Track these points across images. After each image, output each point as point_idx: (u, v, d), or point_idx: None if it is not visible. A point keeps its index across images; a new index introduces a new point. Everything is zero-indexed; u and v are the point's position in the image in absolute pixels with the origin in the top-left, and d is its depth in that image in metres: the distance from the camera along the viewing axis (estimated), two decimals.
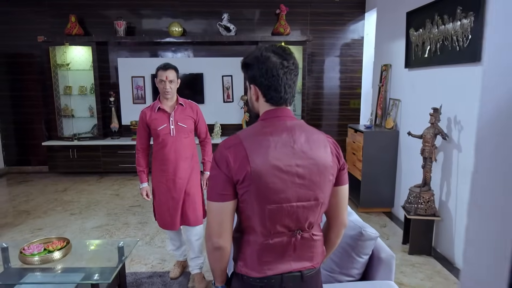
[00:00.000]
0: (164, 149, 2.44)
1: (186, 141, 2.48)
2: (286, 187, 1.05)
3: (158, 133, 2.42)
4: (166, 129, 2.43)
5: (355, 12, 5.68)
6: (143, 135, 2.49)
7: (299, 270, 1.12)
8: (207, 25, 5.62)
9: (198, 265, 2.67)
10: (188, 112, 2.50)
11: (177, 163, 2.45)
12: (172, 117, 2.44)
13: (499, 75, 0.38)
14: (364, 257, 1.71)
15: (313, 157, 1.08)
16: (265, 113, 1.13)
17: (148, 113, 2.46)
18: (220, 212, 1.06)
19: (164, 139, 2.43)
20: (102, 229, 3.67)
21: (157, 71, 2.44)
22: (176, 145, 2.44)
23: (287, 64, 1.09)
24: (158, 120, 2.43)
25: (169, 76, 2.40)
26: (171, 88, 2.41)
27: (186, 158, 2.48)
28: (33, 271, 2.19)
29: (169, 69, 2.42)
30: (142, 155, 2.53)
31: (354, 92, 5.95)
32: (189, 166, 2.50)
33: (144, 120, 2.45)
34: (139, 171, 2.54)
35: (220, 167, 1.05)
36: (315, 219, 1.12)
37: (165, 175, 2.46)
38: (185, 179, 2.49)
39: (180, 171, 2.46)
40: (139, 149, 2.52)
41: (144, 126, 2.47)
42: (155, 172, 2.51)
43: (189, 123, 2.49)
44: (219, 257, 1.11)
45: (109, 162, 5.47)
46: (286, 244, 1.10)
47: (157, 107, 2.45)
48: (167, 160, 2.44)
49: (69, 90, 5.50)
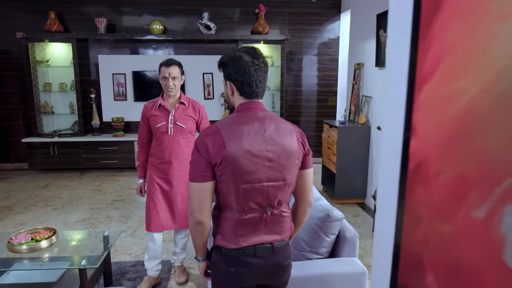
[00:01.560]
0: (160, 148, 2.39)
1: (184, 142, 2.40)
2: (257, 169, 1.22)
3: (156, 130, 2.37)
4: (163, 127, 2.36)
5: (331, 12, 5.91)
6: (144, 130, 2.44)
7: (270, 242, 1.30)
8: (188, 23, 5.72)
9: (180, 259, 2.69)
10: (189, 112, 2.41)
11: (171, 164, 2.39)
12: (171, 116, 2.36)
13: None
14: (331, 236, 1.90)
15: (281, 143, 1.25)
16: (239, 105, 1.30)
17: (149, 108, 2.41)
18: (201, 191, 1.22)
19: (160, 137, 2.37)
20: (86, 222, 3.75)
21: (160, 67, 2.35)
22: (172, 145, 2.37)
23: (257, 62, 1.26)
24: (157, 117, 2.36)
25: (172, 73, 2.31)
26: (174, 85, 2.32)
27: (182, 159, 2.40)
28: (20, 261, 2.28)
29: (172, 65, 2.32)
30: (142, 150, 2.48)
31: (331, 89, 6.19)
32: (183, 168, 2.41)
33: (145, 115, 2.41)
34: (137, 166, 2.51)
35: (200, 152, 1.21)
36: (283, 197, 1.29)
37: (159, 174, 2.43)
38: (178, 181, 2.42)
39: (174, 172, 2.40)
40: (140, 144, 2.49)
41: (145, 121, 2.41)
42: (150, 169, 2.47)
43: (189, 123, 2.40)
44: (200, 231, 1.27)
45: (91, 158, 5.51)
46: (258, 219, 1.27)
47: (158, 103, 2.38)
48: (162, 159, 2.39)
49: (48, 87, 5.49)
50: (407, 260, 0.52)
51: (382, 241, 0.58)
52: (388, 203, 0.56)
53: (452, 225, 0.42)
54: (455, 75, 0.41)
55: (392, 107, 0.54)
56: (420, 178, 0.48)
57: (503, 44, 0.35)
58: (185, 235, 2.63)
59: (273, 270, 1.31)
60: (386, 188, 0.56)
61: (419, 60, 0.48)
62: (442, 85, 0.43)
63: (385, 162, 0.56)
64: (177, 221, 2.49)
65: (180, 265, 2.72)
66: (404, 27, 0.50)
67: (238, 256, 1.27)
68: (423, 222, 0.48)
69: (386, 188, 0.56)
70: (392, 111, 0.54)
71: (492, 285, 0.36)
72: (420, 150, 0.48)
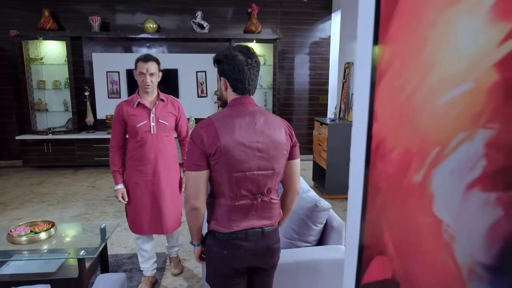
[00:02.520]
0: (143, 148, 2.27)
1: (167, 140, 2.33)
2: (249, 158, 1.32)
3: (137, 130, 2.25)
4: (146, 126, 2.25)
5: (322, 12, 6.03)
6: (119, 132, 2.30)
7: (260, 227, 1.40)
8: (181, 22, 5.80)
9: (175, 251, 2.73)
10: (169, 109, 2.34)
11: (157, 163, 2.30)
12: (153, 114, 2.27)
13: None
14: (319, 225, 2.01)
15: (270, 135, 1.36)
16: (232, 100, 1.40)
17: (125, 108, 2.27)
18: (196, 179, 1.32)
19: (143, 137, 2.26)
20: (81, 217, 3.81)
21: (136, 63, 2.26)
22: (156, 144, 2.28)
23: (250, 62, 1.36)
24: (137, 116, 2.25)
25: (150, 69, 2.23)
26: (152, 81, 2.24)
27: (167, 158, 2.33)
28: (20, 252, 2.36)
29: (150, 61, 2.24)
30: (117, 154, 2.33)
31: (322, 88, 6.31)
32: (169, 166, 2.36)
33: (121, 115, 2.27)
34: (114, 171, 2.33)
35: (195, 143, 1.31)
36: (272, 185, 1.40)
37: (143, 176, 2.30)
38: (165, 181, 2.34)
39: (160, 172, 2.31)
40: (114, 147, 2.32)
41: (121, 122, 2.28)
42: (130, 173, 2.33)
43: (170, 120, 2.33)
44: (196, 217, 1.37)
45: (85, 155, 5.56)
46: (249, 205, 1.38)
47: (136, 102, 2.27)
48: (146, 160, 2.28)
49: (42, 85, 5.52)
50: (370, 225, 0.63)
51: (352, 211, 0.69)
52: (357, 177, 0.67)
53: (401, 190, 0.53)
54: (400, 72, 0.52)
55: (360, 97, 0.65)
56: (379, 155, 0.59)
57: (432, 46, 0.46)
58: (175, 233, 2.63)
59: (263, 252, 1.41)
60: (355, 164, 0.67)
61: (378, 59, 0.59)
62: (393, 80, 0.54)
63: (354, 143, 0.67)
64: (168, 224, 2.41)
65: (176, 257, 2.76)
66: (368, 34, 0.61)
67: (231, 240, 1.37)
68: (381, 191, 0.60)
69: (355, 164, 0.67)
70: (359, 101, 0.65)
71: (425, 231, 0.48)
72: (379, 132, 0.59)
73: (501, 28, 0.35)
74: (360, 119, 0.65)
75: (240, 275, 1.44)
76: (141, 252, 2.54)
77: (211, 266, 1.45)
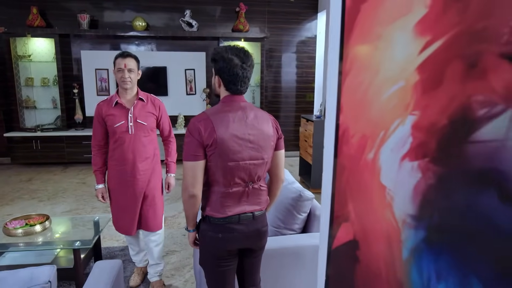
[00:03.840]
0: (122, 149, 2.25)
1: (146, 140, 2.29)
2: (241, 149, 1.45)
3: (115, 130, 2.22)
4: (123, 126, 2.22)
5: (308, 12, 6.18)
6: (99, 131, 2.28)
7: (251, 212, 1.54)
8: (170, 20, 5.87)
9: (157, 272, 2.52)
10: (149, 108, 2.29)
11: (135, 164, 2.26)
12: (131, 114, 2.22)
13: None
14: (303, 214, 2.16)
15: (260, 128, 1.49)
16: (224, 97, 1.53)
17: (104, 107, 2.25)
18: (194, 169, 1.44)
19: (121, 137, 2.23)
20: (72, 213, 3.88)
21: (115, 60, 2.22)
22: (134, 144, 2.25)
23: (245, 66, 1.49)
24: (115, 116, 2.22)
25: (128, 65, 2.19)
26: (130, 78, 2.20)
27: (145, 158, 2.29)
28: (16, 244, 2.43)
29: (128, 57, 2.20)
30: (98, 153, 2.32)
31: (309, 86, 6.47)
32: (149, 167, 2.32)
33: (100, 115, 2.25)
34: (95, 171, 2.34)
35: (193, 135, 1.43)
36: (262, 173, 1.54)
37: (122, 176, 2.28)
38: (144, 181, 2.30)
39: (139, 173, 2.28)
40: (95, 147, 2.32)
41: (100, 122, 2.26)
42: (111, 172, 2.32)
43: (150, 120, 2.29)
44: (193, 203, 1.50)
45: (74, 152, 5.59)
46: (241, 192, 1.50)
47: (114, 101, 2.23)
48: (125, 160, 2.26)
49: (31, 82, 5.53)
50: (338, 198, 0.77)
51: (325, 188, 0.83)
52: (328, 159, 0.80)
53: (359, 166, 0.67)
54: (358, 73, 0.65)
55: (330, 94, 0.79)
56: (344, 140, 0.73)
57: (380, 51, 0.59)
58: (158, 243, 2.48)
59: (253, 235, 1.55)
60: (327, 149, 0.81)
61: (343, 63, 0.72)
62: (353, 79, 0.68)
63: (326, 132, 0.80)
64: (148, 223, 2.38)
65: (159, 280, 2.52)
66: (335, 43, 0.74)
67: (225, 224, 1.50)
68: (346, 169, 0.73)
69: (327, 149, 0.81)
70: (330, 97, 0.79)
71: (375, 196, 0.61)
72: (344, 122, 0.73)
73: (420, 41, 0.48)
74: (331, 112, 0.79)
75: (232, 257, 1.57)
76: (131, 246, 2.60)
77: (205, 249, 1.57)
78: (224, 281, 1.60)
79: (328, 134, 0.80)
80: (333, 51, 0.76)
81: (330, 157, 0.80)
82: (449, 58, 0.43)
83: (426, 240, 0.48)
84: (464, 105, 0.40)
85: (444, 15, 0.43)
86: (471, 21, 0.39)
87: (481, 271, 0.39)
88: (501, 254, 0.36)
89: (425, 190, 0.48)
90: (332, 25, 0.75)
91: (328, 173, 0.81)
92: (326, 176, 0.82)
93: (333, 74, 0.77)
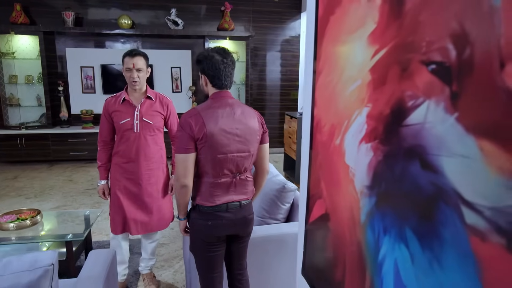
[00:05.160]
0: (126, 146, 2.22)
1: (151, 139, 2.25)
2: (229, 143, 1.57)
3: (120, 127, 2.20)
4: (128, 124, 2.19)
5: (292, 12, 6.33)
6: (106, 127, 2.25)
7: (238, 201, 1.66)
8: (156, 18, 5.91)
9: (149, 266, 2.53)
10: (157, 107, 2.25)
11: (139, 163, 2.23)
12: (137, 111, 2.20)
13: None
14: (287, 204, 2.29)
15: (246, 123, 1.62)
16: (213, 94, 1.64)
17: (111, 103, 2.22)
18: (185, 161, 1.56)
19: (125, 134, 2.21)
20: (60, 209, 3.92)
21: (123, 58, 2.18)
22: (139, 142, 2.21)
23: (226, 61, 1.61)
24: (121, 113, 2.19)
25: (137, 64, 2.15)
26: (139, 77, 2.16)
27: (150, 158, 2.25)
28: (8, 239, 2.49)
29: (137, 56, 2.16)
30: (104, 149, 2.29)
31: (293, 84, 6.63)
32: (153, 166, 2.28)
33: (107, 110, 2.23)
34: (99, 167, 2.30)
35: (185, 129, 1.54)
36: (248, 165, 1.66)
37: (124, 174, 2.26)
38: (147, 181, 2.26)
39: (142, 172, 2.24)
40: (101, 142, 2.29)
41: (107, 118, 2.24)
42: (114, 169, 2.29)
43: (157, 119, 2.24)
44: (184, 193, 1.61)
45: (59, 150, 5.59)
46: (229, 183, 1.63)
47: (122, 98, 2.21)
48: (128, 158, 2.23)
49: (14, 79, 5.49)
50: (313, 178, 0.90)
51: (303, 171, 0.96)
52: (305, 147, 0.94)
53: (329, 151, 0.80)
54: (328, 73, 0.79)
55: (307, 90, 0.92)
56: (318, 129, 0.86)
57: (344, 57, 0.72)
58: (153, 240, 2.48)
59: (241, 222, 1.67)
60: (304, 138, 0.94)
61: (316, 63, 0.86)
62: (324, 77, 0.81)
63: (304, 123, 0.94)
64: (146, 226, 2.32)
65: (149, 272, 2.56)
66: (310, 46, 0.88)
67: (214, 212, 1.62)
68: (319, 154, 0.87)
69: (305, 138, 0.94)
70: (307, 93, 0.92)
71: (341, 175, 0.75)
72: (317, 114, 0.86)
73: (372, 49, 0.61)
74: (307, 106, 0.92)
75: (220, 243, 1.69)
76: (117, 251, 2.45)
77: (195, 236, 1.69)
78: (213, 265, 1.73)
79: (305, 125, 0.93)
80: (309, 53, 0.89)
81: (306, 145, 0.93)
82: (390, 63, 0.56)
83: (376, 204, 0.62)
84: (399, 98, 0.54)
85: (387, 30, 0.56)
86: (403, 36, 0.52)
87: (411, 221, 0.52)
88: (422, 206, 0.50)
89: (375, 165, 0.62)
90: (308, 31, 0.89)
91: (305, 158, 0.94)
92: (304, 161, 0.95)
93: (309, 73, 0.90)
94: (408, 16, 0.51)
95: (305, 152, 0.94)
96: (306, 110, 0.91)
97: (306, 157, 0.93)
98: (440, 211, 0.46)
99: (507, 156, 0.36)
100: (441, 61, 0.45)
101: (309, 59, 0.89)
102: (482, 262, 0.40)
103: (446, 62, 0.44)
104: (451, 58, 0.44)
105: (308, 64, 0.89)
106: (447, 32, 0.44)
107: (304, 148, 0.94)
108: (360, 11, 0.63)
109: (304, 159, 0.94)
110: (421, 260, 0.50)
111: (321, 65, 0.83)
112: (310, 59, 0.88)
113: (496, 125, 0.38)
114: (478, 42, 0.39)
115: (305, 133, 0.93)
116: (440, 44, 0.45)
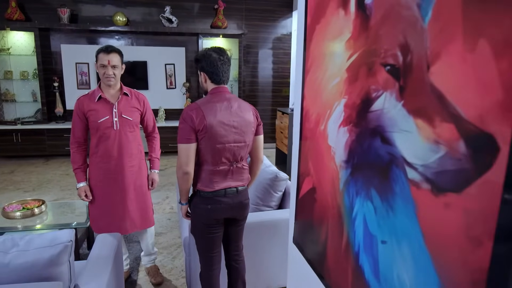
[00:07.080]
0: (106, 145, 2.17)
1: (132, 136, 2.23)
2: (227, 134, 1.74)
3: (99, 126, 2.14)
4: (108, 121, 2.15)
5: (283, 10, 6.50)
6: (80, 127, 2.18)
7: (235, 187, 1.83)
8: (150, 15, 6.02)
9: (151, 260, 2.57)
10: (134, 103, 2.24)
11: (122, 160, 2.20)
12: (115, 108, 2.16)
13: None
14: (279, 193, 2.47)
15: (242, 116, 1.78)
16: (211, 89, 1.80)
17: (86, 102, 2.16)
18: (187, 150, 1.72)
19: (105, 133, 2.16)
20: (60, 202, 4.04)
21: (97, 54, 2.12)
22: (120, 140, 2.18)
23: (222, 58, 1.77)
24: (98, 112, 2.14)
25: (112, 61, 2.11)
26: (114, 74, 2.13)
27: (131, 154, 2.24)
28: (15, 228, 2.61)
29: (112, 52, 2.11)
30: (78, 151, 2.21)
31: (284, 81, 6.81)
32: (135, 163, 2.26)
33: (81, 110, 2.16)
34: (75, 169, 2.22)
35: (187, 122, 1.70)
36: (244, 155, 1.83)
37: (106, 174, 2.20)
38: (131, 177, 2.24)
39: (125, 169, 2.21)
40: (74, 144, 2.21)
41: (81, 118, 2.17)
42: (93, 170, 2.23)
43: (135, 115, 2.23)
44: (186, 180, 1.77)
45: (55, 145, 5.68)
46: (227, 170, 1.79)
47: (97, 96, 2.16)
48: (110, 157, 2.19)
49: (10, 75, 5.55)
50: (303, 159, 1.08)
51: (294, 154, 1.14)
52: (296, 134, 1.11)
53: (315, 135, 0.98)
54: (315, 71, 0.96)
55: (297, 86, 1.09)
56: (306, 118, 1.04)
57: (327, 58, 0.90)
58: (149, 235, 2.50)
59: (237, 206, 1.84)
60: (295, 126, 1.11)
61: (305, 62, 1.03)
62: (312, 74, 0.98)
63: (295, 114, 1.11)
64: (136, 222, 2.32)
65: (153, 265, 2.58)
66: (301, 47, 1.05)
67: (213, 197, 1.79)
68: (307, 139, 1.04)
69: (296, 126, 1.11)
70: (298, 88, 1.09)
71: (325, 154, 0.92)
72: (306, 105, 1.04)
73: (347, 53, 0.79)
74: (298, 99, 1.09)
75: (219, 225, 1.86)
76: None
77: (196, 219, 1.85)
78: (212, 246, 1.89)
79: (296, 115, 1.11)
80: (299, 54, 1.07)
81: (297, 131, 1.11)
82: (360, 64, 0.73)
83: (351, 174, 0.79)
84: (367, 91, 0.71)
85: (358, 39, 0.74)
86: (369, 44, 0.70)
87: (374, 183, 0.70)
88: (382, 170, 0.68)
89: (350, 144, 0.79)
90: (298, 36, 1.06)
91: (295, 142, 1.12)
92: (294, 146, 1.12)
93: (299, 71, 1.07)
94: (373, 30, 0.68)
95: (295, 137, 1.12)
96: (297, 103, 1.08)
97: (297, 142, 1.10)
98: (392, 172, 0.63)
99: (432, 129, 0.54)
100: (393, 63, 0.63)
101: (299, 60, 1.06)
102: (418, 204, 0.58)
103: (396, 64, 0.62)
104: (399, 61, 0.61)
105: (299, 64, 1.06)
106: (397, 43, 0.61)
107: (295, 134, 1.12)
108: (339, 23, 0.81)
109: (295, 142, 1.11)
110: (381, 210, 0.68)
111: (309, 64, 1.00)
112: (300, 60, 1.05)
113: (425, 108, 0.55)
114: (415, 51, 0.57)
115: (295, 122, 1.10)
116: (393, 51, 0.62)
